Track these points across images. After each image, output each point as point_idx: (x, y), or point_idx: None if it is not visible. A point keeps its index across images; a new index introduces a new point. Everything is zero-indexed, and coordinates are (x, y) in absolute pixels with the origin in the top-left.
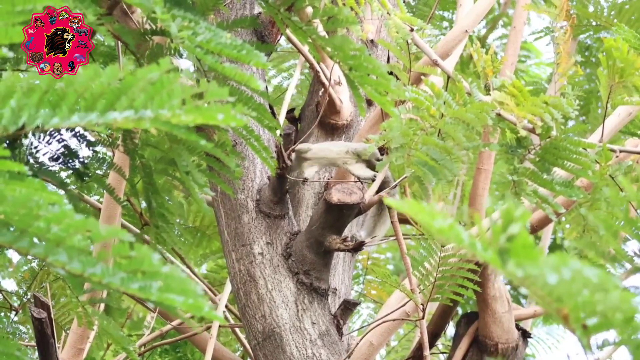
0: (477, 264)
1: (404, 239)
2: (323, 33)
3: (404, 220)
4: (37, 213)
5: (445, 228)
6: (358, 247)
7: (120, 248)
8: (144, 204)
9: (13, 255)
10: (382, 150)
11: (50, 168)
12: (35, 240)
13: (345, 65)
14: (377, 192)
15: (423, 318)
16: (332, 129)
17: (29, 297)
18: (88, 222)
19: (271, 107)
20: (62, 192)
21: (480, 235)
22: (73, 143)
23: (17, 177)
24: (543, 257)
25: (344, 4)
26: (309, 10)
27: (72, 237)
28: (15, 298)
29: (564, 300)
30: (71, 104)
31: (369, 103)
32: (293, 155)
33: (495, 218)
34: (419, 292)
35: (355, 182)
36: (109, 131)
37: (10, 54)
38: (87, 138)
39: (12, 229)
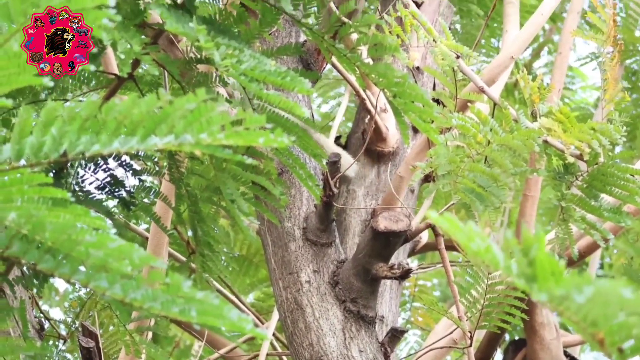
0: (524, 291)
1: (451, 265)
2: (368, 60)
3: (450, 246)
4: (79, 238)
5: (482, 250)
6: (405, 274)
7: (156, 274)
8: (190, 233)
9: (59, 283)
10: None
11: (96, 197)
12: (79, 266)
13: (390, 93)
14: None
15: (471, 345)
16: (378, 156)
17: (77, 325)
18: (128, 248)
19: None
20: (109, 221)
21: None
22: (119, 172)
23: (61, 204)
24: (568, 278)
25: (390, 32)
26: (354, 37)
27: (115, 262)
28: (63, 327)
29: (599, 324)
30: (112, 131)
31: (415, 130)
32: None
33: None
34: (467, 320)
35: (402, 208)
36: (155, 160)
37: (51, 84)
38: (134, 167)
39: (57, 255)
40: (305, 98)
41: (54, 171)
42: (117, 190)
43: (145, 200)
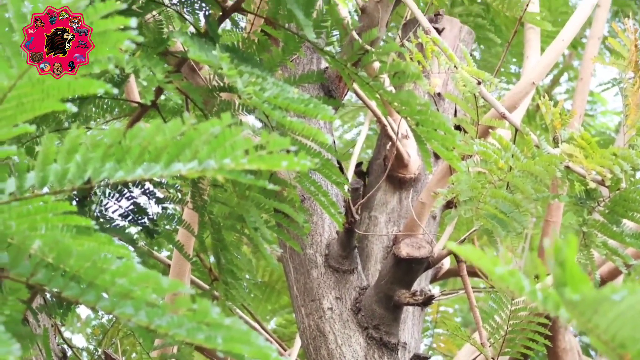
0: (547, 317)
1: (473, 291)
2: (390, 88)
3: (473, 273)
4: (104, 266)
5: (506, 275)
6: (428, 301)
7: (183, 301)
8: (212, 259)
9: (81, 309)
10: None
11: (119, 225)
12: (102, 293)
13: (412, 121)
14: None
15: None
16: (399, 182)
17: (99, 353)
18: (152, 275)
19: (339, 162)
20: (131, 248)
21: (543, 286)
22: (142, 200)
23: (85, 232)
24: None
25: (411, 58)
26: (376, 65)
27: (139, 289)
28: (85, 355)
29: (627, 346)
30: (135, 158)
31: (436, 156)
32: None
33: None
34: (490, 346)
35: (424, 235)
36: (178, 187)
37: (75, 109)
38: (156, 195)
39: (80, 284)
40: (327, 125)
41: (77, 199)
42: (140, 218)
43: (168, 227)
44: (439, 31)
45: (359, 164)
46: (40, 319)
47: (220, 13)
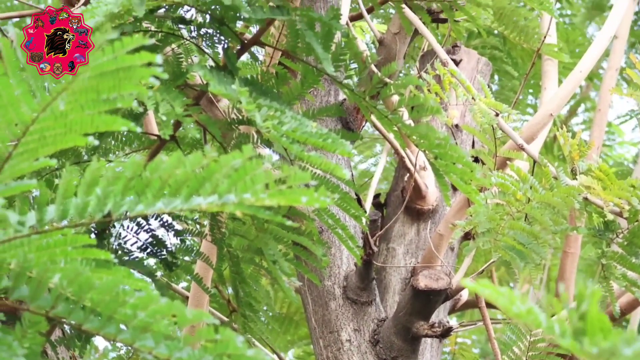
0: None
1: (492, 323)
2: (408, 121)
3: (491, 304)
4: (124, 299)
5: (523, 312)
6: (446, 333)
7: (206, 331)
8: (230, 291)
9: (99, 341)
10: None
11: (138, 257)
12: (122, 326)
13: (431, 154)
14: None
15: None
16: (417, 214)
17: None
18: (174, 306)
19: (357, 195)
20: (149, 280)
21: (561, 319)
22: (160, 232)
23: (104, 265)
24: (616, 333)
25: (429, 90)
26: (395, 98)
27: (159, 322)
28: None
29: None
30: (155, 191)
31: (454, 188)
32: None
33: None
34: None
35: (442, 267)
36: (197, 219)
37: (96, 142)
38: (175, 227)
39: (99, 316)
40: (345, 158)
41: (96, 232)
42: (159, 250)
43: (187, 259)
44: (457, 63)
45: (376, 196)
46: (59, 352)
47: (239, 46)
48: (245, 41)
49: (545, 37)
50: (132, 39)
